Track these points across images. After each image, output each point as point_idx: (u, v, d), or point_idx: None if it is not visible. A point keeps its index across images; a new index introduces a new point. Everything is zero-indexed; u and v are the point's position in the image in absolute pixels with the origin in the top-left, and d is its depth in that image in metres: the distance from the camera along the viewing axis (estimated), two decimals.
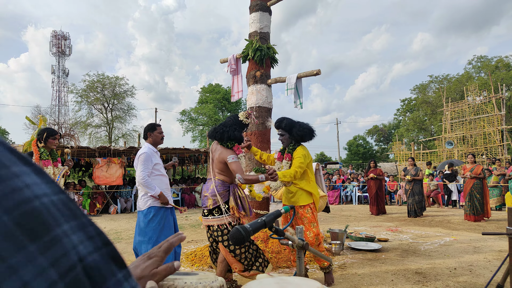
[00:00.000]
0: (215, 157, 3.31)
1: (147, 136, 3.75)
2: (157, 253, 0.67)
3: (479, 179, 8.20)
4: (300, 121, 3.72)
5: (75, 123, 29.98)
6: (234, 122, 3.37)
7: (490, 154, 19.06)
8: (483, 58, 30.85)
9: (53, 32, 46.72)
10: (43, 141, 3.58)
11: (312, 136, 3.67)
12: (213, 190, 3.21)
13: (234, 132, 3.29)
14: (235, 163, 3.14)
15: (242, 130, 3.42)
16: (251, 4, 5.46)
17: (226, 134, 3.27)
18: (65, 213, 0.32)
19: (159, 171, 3.65)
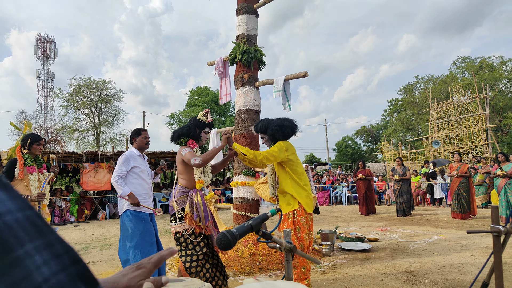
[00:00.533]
0: (176, 160, 3.26)
1: (132, 140, 3.80)
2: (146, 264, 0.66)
3: (465, 178, 8.34)
4: (281, 117, 3.52)
5: (61, 128, 29.51)
6: (191, 123, 3.31)
7: (475, 153, 19.41)
8: (467, 59, 31.46)
9: (37, 36, 45.99)
10: (27, 147, 3.51)
11: (283, 132, 3.38)
12: (171, 196, 3.20)
13: (183, 128, 3.26)
14: (188, 153, 3.06)
15: (201, 129, 3.30)
16: (238, 6, 5.46)
17: (176, 133, 3.27)
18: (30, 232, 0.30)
19: (138, 175, 3.64)
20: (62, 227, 9.57)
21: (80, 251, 6.07)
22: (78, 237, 7.68)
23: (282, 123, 3.39)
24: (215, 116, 37.18)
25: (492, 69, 28.78)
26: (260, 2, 5.39)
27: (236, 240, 1.08)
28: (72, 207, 11.08)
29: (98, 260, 5.27)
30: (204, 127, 3.31)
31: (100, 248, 6.29)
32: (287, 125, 3.40)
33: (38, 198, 3.32)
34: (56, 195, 10.96)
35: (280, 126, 3.35)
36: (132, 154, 3.72)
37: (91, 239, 7.35)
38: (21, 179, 3.41)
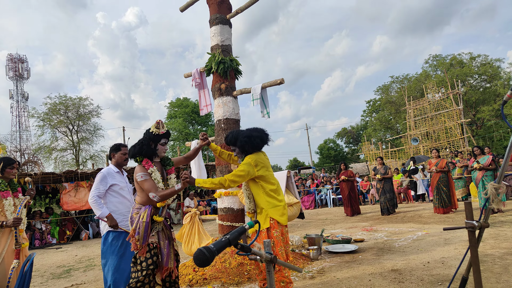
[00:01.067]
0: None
1: (111, 156, 3.75)
2: None
3: (445, 173, 8.55)
4: (251, 128, 3.42)
5: (38, 148, 28.72)
6: (145, 137, 3.11)
7: (452, 147, 19.96)
8: (438, 56, 32.49)
9: (8, 56, 44.83)
10: (0, 171, 3.40)
11: (252, 143, 3.26)
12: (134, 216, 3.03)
13: (136, 147, 3.06)
14: (146, 181, 2.92)
15: (156, 141, 3.10)
16: (211, 18, 5.49)
17: (131, 152, 3.10)
18: None
19: (117, 193, 3.59)
20: (43, 250, 9.26)
21: (63, 274, 5.89)
22: (61, 259, 7.45)
23: (251, 133, 3.27)
24: (196, 127, 37.03)
25: (462, 66, 29.80)
26: (233, 12, 5.43)
27: (214, 255, 1.07)
28: (53, 229, 10.75)
29: (82, 282, 5.12)
30: (159, 139, 3.10)
31: (83, 269, 6.11)
32: (256, 136, 3.28)
33: (14, 223, 3.21)
34: (36, 218, 10.62)
35: (248, 137, 3.24)
36: (110, 171, 3.65)
37: (74, 260, 7.14)
38: None
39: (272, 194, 3.24)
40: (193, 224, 5.24)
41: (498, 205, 1.66)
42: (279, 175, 4.83)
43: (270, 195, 3.24)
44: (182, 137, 33.04)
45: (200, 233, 5.18)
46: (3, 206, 3.33)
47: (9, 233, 3.31)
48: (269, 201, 3.22)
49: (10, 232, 3.31)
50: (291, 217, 4.59)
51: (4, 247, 3.23)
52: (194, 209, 3.60)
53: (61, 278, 5.57)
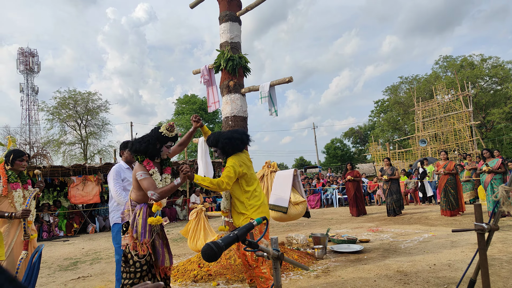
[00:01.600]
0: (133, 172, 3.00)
1: (121, 153, 3.82)
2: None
3: (452, 175, 8.47)
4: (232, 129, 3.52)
5: (47, 141, 29.02)
6: (152, 134, 2.98)
7: (461, 150, 19.75)
8: (449, 58, 32.12)
9: (19, 50, 45.33)
10: (10, 163, 3.45)
11: (233, 144, 3.31)
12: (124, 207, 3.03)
13: (142, 144, 2.91)
14: (145, 179, 2.83)
15: (162, 143, 2.98)
16: (221, 14, 5.49)
17: (134, 147, 2.94)
18: None
19: (126, 188, 3.64)
20: (51, 242, 9.38)
21: (70, 266, 5.96)
22: (68, 252, 7.54)
23: (232, 135, 3.36)
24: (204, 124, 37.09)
25: (473, 67, 29.43)
26: (243, 10, 5.43)
27: (222, 251, 1.07)
28: (60, 222, 10.88)
29: (89, 275, 5.18)
30: (167, 141, 2.99)
31: (90, 262, 6.18)
32: (236, 137, 3.35)
33: (23, 215, 3.26)
34: (44, 210, 10.75)
35: (229, 139, 3.32)
36: (121, 167, 3.74)
37: (81, 253, 7.22)
38: (5, 196, 3.35)
39: (253, 192, 3.34)
40: (199, 220, 5.26)
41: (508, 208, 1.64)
42: (285, 174, 4.82)
43: (251, 193, 3.33)
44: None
45: (206, 229, 5.20)
46: (12, 197, 3.38)
47: (18, 225, 3.35)
48: (249, 199, 3.32)
49: (19, 224, 3.35)
50: (297, 215, 4.59)
51: (13, 238, 3.28)
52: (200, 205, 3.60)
53: (68, 270, 5.64)
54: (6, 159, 3.48)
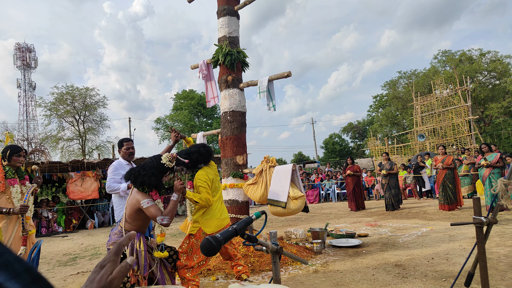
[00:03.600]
0: (127, 201, 2.87)
1: (119, 151, 3.87)
2: (109, 258, 0.64)
3: (451, 169, 8.49)
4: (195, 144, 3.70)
5: (45, 137, 28.96)
6: (154, 165, 2.87)
7: (459, 144, 19.78)
8: (448, 52, 32.05)
9: (16, 45, 45.01)
10: (7, 159, 3.43)
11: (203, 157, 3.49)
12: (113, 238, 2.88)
13: (150, 177, 2.78)
14: (152, 207, 2.72)
15: (162, 174, 2.91)
16: (219, 9, 5.45)
17: (141, 178, 2.78)
18: None
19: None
20: (50, 238, 9.38)
21: (69, 261, 5.97)
22: (67, 247, 7.54)
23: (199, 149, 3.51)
24: (202, 119, 37.09)
25: (472, 62, 29.40)
26: (241, 4, 5.39)
27: (221, 245, 1.07)
28: (59, 218, 10.87)
29: (88, 270, 5.19)
30: (166, 171, 2.93)
31: (89, 257, 6.19)
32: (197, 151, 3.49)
33: (21, 210, 3.25)
34: (42, 206, 10.74)
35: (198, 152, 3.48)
36: (120, 163, 3.76)
37: (80, 249, 7.23)
38: (3, 192, 3.34)
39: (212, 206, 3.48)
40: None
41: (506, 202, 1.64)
42: (284, 169, 4.82)
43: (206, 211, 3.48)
44: (188, 129, 33.12)
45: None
46: (10, 193, 3.37)
47: (16, 220, 3.34)
48: (206, 211, 3.46)
49: (17, 220, 3.35)
50: (296, 210, 4.59)
51: (11, 234, 3.27)
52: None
53: (67, 266, 5.65)
54: (3, 155, 3.47)
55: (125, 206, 2.87)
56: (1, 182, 3.33)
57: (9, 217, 3.31)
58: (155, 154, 3.04)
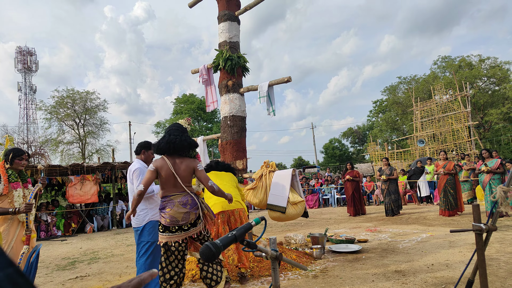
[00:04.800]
0: (181, 169, 3.14)
1: (140, 152, 3.79)
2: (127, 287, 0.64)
3: (452, 175, 8.48)
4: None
5: (45, 141, 28.95)
6: (183, 130, 3.30)
7: (459, 150, 19.79)
8: (447, 58, 32.18)
9: (17, 48, 45.19)
10: (9, 162, 3.43)
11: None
12: (192, 203, 3.11)
13: (191, 138, 3.26)
14: (203, 171, 3.18)
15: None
16: (219, 14, 5.48)
17: (187, 143, 3.18)
18: None
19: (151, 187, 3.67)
20: (49, 242, 9.35)
21: (68, 266, 5.95)
22: (65, 251, 7.52)
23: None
24: (202, 123, 37.13)
25: (471, 68, 29.50)
26: (242, 9, 5.42)
27: (220, 251, 1.07)
28: (58, 221, 10.85)
29: (86, 275, 5.17)
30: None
31: (88, 262, 6.17)
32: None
33: (26, 208, 3.22)
34: (42, 210, 10.72)
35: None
36: (144, 167, 3.71)
37: (79, 253, 7.20)
38: (5, 195, 3.32)
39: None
40: None
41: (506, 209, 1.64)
42: (284, 173, 4.82)
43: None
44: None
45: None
46: (12, 197, 3.35)
47: (18, 223, 3.33)
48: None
49: (19, 223, 3.34)
50: (295, 215, 4.59)
51: (13, 237, 3.26)
52: None
53: (65, 270, 5.62)
54: (6, 158, 3.46)
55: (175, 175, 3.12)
56: (5, 185, 3.31)
57: (11, 220, 3.30)
58: (172, 124, 3.39)
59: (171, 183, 3.12)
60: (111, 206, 11.82)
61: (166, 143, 3.16)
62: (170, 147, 3.14)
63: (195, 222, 3.12)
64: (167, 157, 3.19)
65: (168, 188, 3.13)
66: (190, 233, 3.12)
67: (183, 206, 3.07)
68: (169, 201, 3.09)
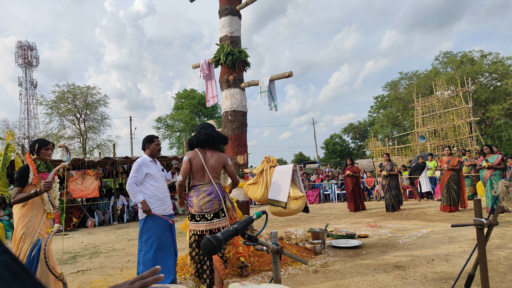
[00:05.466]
0: (212, 161, 3.48)
1: (144, 147, 3.88)
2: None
3: (456, 171, 8.46)
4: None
5: (46, 135, 28.94)
6: (214, 127, 3.68)
7: (460, 146, 19.76)
8: (449, 53, 32.00)
9: (18, 43, 45.09)
10: (35, 152, 3.40)
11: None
12: (217, 193, 3.40)
13: (223, 136, 3.65)
14: (232, 166, 3.58)
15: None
16: (220, 8, 5.45)
17: (222, 137, 3.61)
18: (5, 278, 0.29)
19: (154, 180, 3.74)
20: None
21: (69, 260, 5.97)
22: (67, 246, 7.55)
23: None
24: (203, 118, 37.09)
25: (473, 63, 29.35)
26: (243, 4, 5.39)
27: (221, 244, 1.07)
28: (60, 216, 10.87)
29: (88, 269, 5.19)
30: None
31: (89, 256, 6.19)
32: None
33: (45, 187, 3.20)
34: None
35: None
36: (144, 161, 3.78)
37: (80, 247, 7.23)
38: (34, 185, 3.28)
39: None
40: None
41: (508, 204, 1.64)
42: (285, 169, 4.82)
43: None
44: (188, 129, 33.13)
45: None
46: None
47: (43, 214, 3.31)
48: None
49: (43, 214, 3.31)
50: (296, 210, 4.59)
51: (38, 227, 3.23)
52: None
53: (67, 264, 5.65)
54: (31, 149, 3.44)
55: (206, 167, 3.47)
56: (35, 175, 3.28)
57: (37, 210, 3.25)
58: (203, 123, 3.75)
59: (200, 173, 3.45)
60: (112, 201, 11.85)
61: (205, 135, 3.50)
62: (209, 140, 3.49)
63: (217, 213, 3.38)
64: (199, 149, 3.52)
65: (198, 178, 3.46)
66: (214, 225, 3.36)
67: (208, 195, 3.37)
68: (196, 190, 3.42)
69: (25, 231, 3.16)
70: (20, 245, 3.14)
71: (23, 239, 3.15)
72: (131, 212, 12.26)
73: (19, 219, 3.21)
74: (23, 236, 3.16)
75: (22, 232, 3.16)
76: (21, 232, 3.16)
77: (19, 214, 3.23)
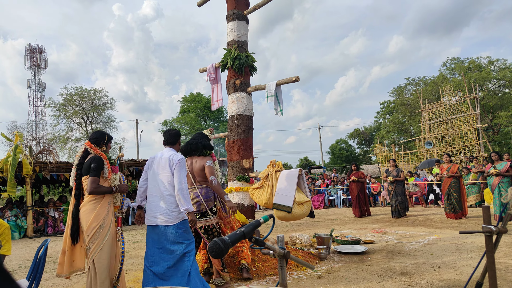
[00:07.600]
0: (195, 167, 3.78)
1: (176, 142, 3.48)
2: None
3: (456, 178, 8.39)
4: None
5: (53, 137, 29.25)
6: (203, 136, 3.99)
7: (467, 153, 19.59)
8: (456, 59, 31.83)
9: (28, 46, 45.63)
10: (104, 144, 3.35)
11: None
12: (205, 195, 3.73)
13: (206, 141, 3.94)
14: (209, 167, 3.69)
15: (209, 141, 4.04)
16: (228, 13, 5.49)
17: (201, 144, 3.87)
18: None
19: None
20: (56, 237, 9.44)
21: None
22: None
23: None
24: (208, 122, 37.23)
25: (480, 70, 29.15)
26: (250, 8, 5.42)
27: (229, 247, 1.07)
28: (65, 217, 10.94)
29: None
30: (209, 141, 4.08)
31: None
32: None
33: (121, 188, 3.26)
34: (49, 206, 10.82)
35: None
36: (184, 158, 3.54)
37: None
38: (106, 179, 3.26)
39: None
40: None
41: None
42: (290, 173, 4.81)
43: None
44: (195, 132, 33.28)
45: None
46: (113, 180, 3.28)
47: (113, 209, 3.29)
48: None
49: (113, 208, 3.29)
50: (301, 215, 4.58)
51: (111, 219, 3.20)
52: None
53: None
54: (98, 141, 3.35)
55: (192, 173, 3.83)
56: (109, 169, 3.25)
57: (110, 204, 3.22)
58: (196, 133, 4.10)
59: (189, 180, 3.76)
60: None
61: (185, 145, 3.91)
62: (187, 148, 3.87)
63: (204, 213, 3.71)
64: (188, 158, 3.89)
65: (189, 183, 3.77)
66: (201, 223, 3.70)
67: (195, 198, 3.72)
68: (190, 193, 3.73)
69: (102, 223, 3.11)
70: (94, 236, 3.07)
71: (98, 232, 3.08)
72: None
73: (96, 210, 3.12)
74: (99, 228, 3.09)
75: (99, 224, 3.10)
76: (98, 224, 3.10)
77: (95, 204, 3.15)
